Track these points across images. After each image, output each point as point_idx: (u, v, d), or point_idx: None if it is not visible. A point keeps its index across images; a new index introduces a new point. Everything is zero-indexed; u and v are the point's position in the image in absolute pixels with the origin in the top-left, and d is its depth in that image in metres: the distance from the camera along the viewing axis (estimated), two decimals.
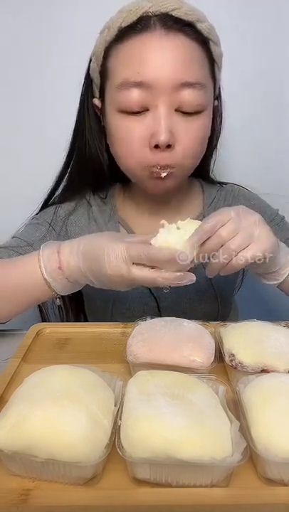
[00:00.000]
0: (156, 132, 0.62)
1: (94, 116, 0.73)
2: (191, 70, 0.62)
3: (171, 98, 0.62)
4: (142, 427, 0.38)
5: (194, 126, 0.66)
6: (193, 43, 0.63)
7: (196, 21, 0.63)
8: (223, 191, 0.86)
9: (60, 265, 0.58)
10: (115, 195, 0.84)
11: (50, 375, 0.45)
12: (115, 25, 0.64)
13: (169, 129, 0.63)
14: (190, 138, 0.65)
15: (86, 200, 0.82)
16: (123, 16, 0.63)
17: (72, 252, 0.58)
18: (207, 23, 0.65)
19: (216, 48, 0.67)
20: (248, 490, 0.38)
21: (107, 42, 0.65)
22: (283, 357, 0.51)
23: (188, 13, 0.63)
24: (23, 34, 0.95)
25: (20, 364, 0.57)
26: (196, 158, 0.70)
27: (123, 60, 0.64)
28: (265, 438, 0.39)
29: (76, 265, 0.58)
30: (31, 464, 0.38)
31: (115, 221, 0.81)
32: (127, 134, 0.66)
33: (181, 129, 0.64)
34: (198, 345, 0.54)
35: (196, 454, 0.36)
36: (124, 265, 0.53)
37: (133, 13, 0.62)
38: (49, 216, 0.81)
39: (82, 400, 0.41)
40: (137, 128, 0.64)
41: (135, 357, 0.53)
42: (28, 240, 0.76)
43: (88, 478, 0.39)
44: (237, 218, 0.54)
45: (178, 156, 0.65)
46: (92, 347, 0.63)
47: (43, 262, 0.59)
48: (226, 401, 0.44)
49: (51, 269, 0.59)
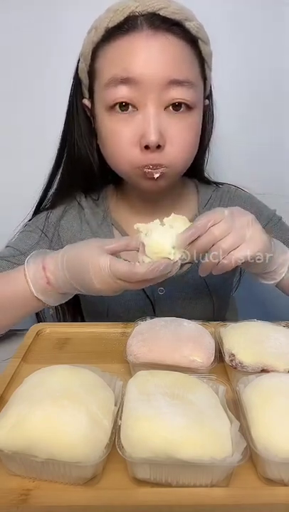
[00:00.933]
0: (146, 133, 0.62)
1: (83, 117, 0.73)
2: (179, 68, 0.62)
3: (159, 96, 0.62)
4: (142, 427, 0.38)
5: (184, 125, 0.65)
6: (181, 42, 0.63)
7: (184, 20, 0.63)
8: (219, 192, 0.85)
9: (48, 281, 0.58)
10: (108, 197, 0.83)
11: (50, 375, 0.45)
12: (102, 25, 0.63)
13: (159, 129, 0.62)
14: (180, 137, 0.65)
15: (77, 202, 0.82)
16: (110, 15, 0.62)
17: (57, 267, 0.57)
18: (195, 21, 0.64)
19: (205, 46, 0.67)
20: (248, 490, 0.38)
21: (94, 42, 0.65)
22: (283, 357, 0.51)
23: (176, 12, 0.62)
24: (23, 34, 0.95)
25: (20, 364, 0.57)
26: (188, 157, 0.70)
27: (111, 60, 0.63)
28: (265, 438, 0.39)
29: (63, 279, 0.57)
30: (31, 464, 0.38)
31: (108, 223, 0.80)
32: (117, 134, 0.65)
33: (171, 128, 0.64)
34: (198, 345, 0.54)
35: (196, 454, 0.36)
36: (111, 280, 0.53)
37: (120, 13, 0.62)
38: (41, 223, 0.80)
39: (82, 400, 0.41)
40: (127, 128, 0.64)
41: (135, 357, 0.53)
42: (20, 249, 0.76)
43: (88, 478, 0.39)
44: (230, 218, 0.54)
45: (169, 156, 0.65)
46: (92, 347, 0.63)
47: (30, 280, 0.59)
48: (226, 401, 0.44)
49: (40, 286, 0.58)
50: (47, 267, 0.58)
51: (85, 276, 0.54)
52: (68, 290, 0.59)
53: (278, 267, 0.62)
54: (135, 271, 0.51)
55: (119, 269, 0.51)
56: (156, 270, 0.51)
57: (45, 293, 0.59)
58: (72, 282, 0.56)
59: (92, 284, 0.54)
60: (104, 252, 0.54)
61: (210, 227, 0.53)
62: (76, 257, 0.56)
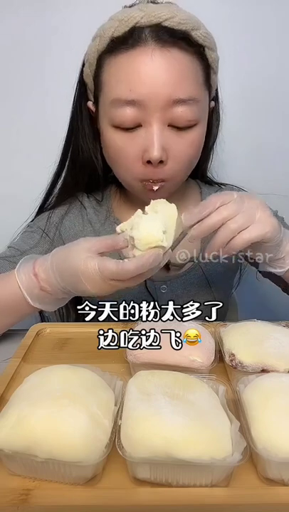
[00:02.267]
0: (149, 149, 0.63)
1: (88, 120, 0.73)
2: (183, 86, 0.62)
3: (163, 114, 0.62)
4: (142, 426, 0.38)
5: (187, 141, 0.66)
6: (187, 56, 0.62)
7: (191, 30, 0.62)
8: None
9: (42, 288, 0.57)
10: (111, 196, 0.84)
11: (50, 375, 0.45)
12: (107, 34, 0.63)
13: (162, 146, 0.63)
14: (182, 153, 0.66)
15: (79, 202, 0.82)
16: (115, 25, 0.62)
17: (48, 274, 0.57)
18: (203, 29, 0.64)
19: (212, 53, 0.66)
20: (248, 490, 0.38)
21: (99, 51, 0.65)
22: (283, 357, 0.51)
23: (182, 22, 0.61)
24: (22, 34, 0.96)
25: (21, 364, 0.57)
26: (188, 169, 0.71)
27: (115, 76, 0.63)
28: (265, 438, 0.39)
29: (56, 284, 0.56)
30: (31, 463, 0.38)
31: (111, 222, 0.81)
32: (121, 149, 0.66)
33: (173, 144, 0.64)
34: (198, 345, 0.54)
35: (196, 454, 0.36)
36: (103, 282, 0.52)
37: (124, 24, 0.61)
38: (43, 223, 0.81)
39: (82, 399, 0.41)
40: (130, 144, 0.65)
41: (135, 357, 0.53)
42: (21, 249, 0.77)
43: (88, 478, 0.39)
44: (240, 199, 0.54)
45: (170, 171, 0.66)
46: (92, 347, 0.62)
47: (25, 290, 0.58)
48: (226, 401, 0.44)
49: (35, 295, 0.58)
50: (38, 274, 0.57)
51: (77, 281, 0.53)
52: (66, 295, 0.59)
53: (287, 255, 0.61)
54: (126, 268, 0.49)
55: (108, 269, 0.50)
56: (147, 263, 0.50)
57: (42, 300, 0.59)
58: (67, 287, 0.56)
59: (85, 287, 0.53)
60: (91, 254, 0.52)
61: (219, 207, 0.53)
62: (65, 263, 0.54)
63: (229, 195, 0.54)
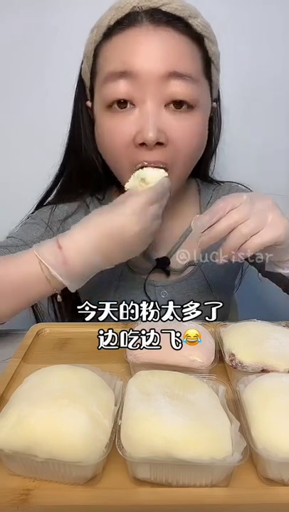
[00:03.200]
0: (143, 129, 0.59)
1: (88, 119, 0.72)
2: (180, 61, 0.60)
3: (159, 91, 0.59)
4: (142, 426, 0.38)
5: (187, 124, 0.62)
6: (183, 37, 0.61)
7: (188, 17, 0.61)
8: (220, 190, 0.85)
9: (65, 261, 0.56)
10: (112, 196, 0.83)
11: (50, 375, 0.45)
12: (104, 23, 0.62)
13: (158, 126, 0.60)
14: (183, 135, 0.62)
15: (85, 204, 0.82)
16: (112, 13, 0.61)
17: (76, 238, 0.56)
18: (201, 19, 0.62)
19: (212, 46, 0.65)
20: (248, 490, 0.38)
21: (96, 42, 0.64)
22: (283, 357, 0.51)
23: (179, 8, 0.60)
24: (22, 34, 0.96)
25: (21, 364, 0.57)
26: (192, 158, 0.67)
27: (110, 55, 0.62)
28: (265, 438, 0.39)
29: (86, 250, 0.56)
30: (31, 463, 0.38)
31: None
32: (113, 131, 0.63)
33: (172, 126, 0.61)
34: (198, 345, 0.54)
35: (196, 454, 0.36)
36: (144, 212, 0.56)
37: (121, 10, 0.61)
38: (46, 216, 0.80)
39: (82, 399, 0.41)
40: (124, 125, 0.62)
41: (135, 357, 0.53)
42: (24, 240, 0.75)
43: (88, 478, 0.39)
44: (250, 201, 0.52)
45: (170, 154, 0.63)
46: (92, 347, 0.62)
47: (45, 260, 0.56)
48: (226, 401, 0.44)
49: (57, 264, 0.56)
50: (63, 245, 0.56)
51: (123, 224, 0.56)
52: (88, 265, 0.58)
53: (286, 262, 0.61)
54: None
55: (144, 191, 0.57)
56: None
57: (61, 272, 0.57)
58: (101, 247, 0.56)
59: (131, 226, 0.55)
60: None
61: (229, 211, 0.52)
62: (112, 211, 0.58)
63: (239, 198, 0.53)
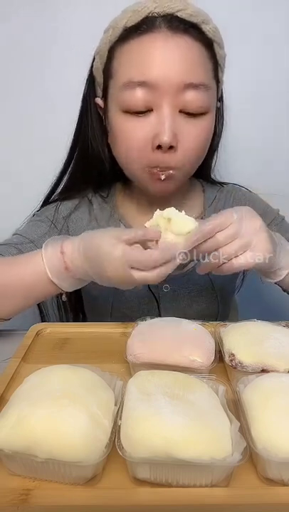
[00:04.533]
0: (160, 133, 0.62)
1: (96, 116, 0.73)
2: (196, 72, 0.62)
3: (175, 99, 0.62)
4: (142, 426, 0.38)
5: (198, 129, 0.65)
6: (198, 45, 0.63)
7: (202, 23, 0.63)
8: (224, 191, 0.86)
9: (66, 266, 0.58)
10: (116, 194, 0.84)
11: (50, 375, 0.45)
12: (120, 24, 0.63)
13: (173, 130, 0.62)
14: (193, 140, 0.65)
15: (88, 199, 0.82)
16: (128, 15, 0.63)
17: (74, 252, 0.58)
18: (212, 24, 0.65)
19: (219, 49, 0.67)
20: (248, 490, 0.38)
21: (111, 42, 0.65)
22: (283, 357, 0.51)
23: (194, 14, 0.62)
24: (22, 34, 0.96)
25: (21, 364, 0.57)
26: (198, 160, 0.70)
27: (128, 60, 0.63)
28: (265, 438, 0.39)
29: (80, 265, 0.58)
30: (31, 463, 0.38)
31: (116, 220, 0.81)
32: (130, 133, 0.65)
33: (184, 131, 0.64)
34: (198, 345, 0.54)
35: (196, 454, 0.36)
36: (123, 270, 0.54)
37: (138, 14, 0.62)
38: (50, 213, 0.81)
39: (82, 399, 0.41)
40: (140, 128, 0.64)
41: (135, 357, 0.53)
42: (30, 237, 0.76)
43: (88, 478, 0.39)
44: (238, 223, 0.54)
45: (179, 158, 0.65)
46: (92, 347, 0.63)
47: (46, 264, 0.59)
48: (226, 401, 0.44)
49: (57, 270, 0.59)
50: (65, 251, 0.58)
51: (98, 264, 0.55)
52: (83, 276, 0.59)
53: (280, 268, 0.62)
54: (149, 253, 0.52)
55: (132, 254, 0.53)
56: (170, 254, 0.52)
57: (61, 277, 0.59)
58: (87, 269, 0.57)
59: (105, 272, 0.55)
60: (120, 241, 0.54)
61: (217, 232, 0.54)
62: (93, 244, 0.56)
63: (229, 217, 0.55)
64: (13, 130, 1.03)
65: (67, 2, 0.94)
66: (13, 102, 1.01)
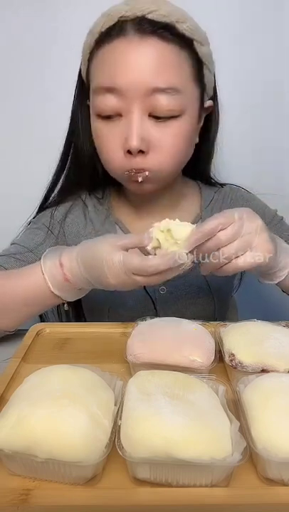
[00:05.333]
0: (128, 138, 0.63)
1: (87, 119, 0.73)
2: (162, 76, 0.61)
3: (143, 103, 0.62)
4: (142, 426, 0.38)
5: (169, 132, 0.65)
6: (169, 46, 0.62)
7: (176, 22, 0.62)
8: (222, 192, 0.86)
9: (66, 277, 0.58)
10: (111, 195, 0.84)
11: (50, 375, 0.45)
12: (96, 29, 0.64)
13: (140, 135, 0.63)
14: (165, 143, 0.65)
15: (81, 201, 0.82)
16: (103, 20, 0.63)
17: (73, 263, 0.58)
18: (189, 22, 0.63)
19: (202, 47, 0.66)
20: (248, 490, 0.38)
21: (90, 47, 0.66)
22: (283, 357, 0.51)
23: (167, 14, 0.61)
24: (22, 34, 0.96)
25: (21, 364, 0.57)
26: (174, 162, 0.69)
27: (100, 65, 0.64)
28: (265, 438, 0.39)
29: (80, 276, 0.58)
30: (31, 463, 0.38)
31: (111, 221, 0.80)
32: (103, 138, 0.67)
33: (155, 135, 0.64)
34: (198, 345, 0.54)
35: (196, 454, 0.36)
36: (125, 276, 0.54)
37: (111, 18, 0.62)
38: (46, 220, 0.81)
39: (82, 399, 0.41)
40: (112, 133, 0.65)
41: (135, 357, 0.53)
42: (27, 246, 0.76)
43: (88, 478, 0.39)
44: (239, 223, 0.54)
45: (153, 162, 0.65)
46: (92, 347, 0.63)
47: (48, 277, 0.59)
48: (226, 401, 0.44)
49: (58, 283, 0.59)
50: (64, 263, 0.59)
51: (100, 273, 0.55)
52: (85, 286, 0.60)
53: (280, 269, 0.61)
54: (149, 264, 0.52)
55: (132, 262, 0.52)
56: (170, 260, 0.51)
57: (63, 289, 0.60)
58: (88, 278, 0.57)
59: (107, 279, 0.55)
60: (118, 248, 0.55)
61: (218, 231, 0.53)
62: (91, 254, 0.57)
63: (230, 217, 0.54)
64: (13, 130, 1.03)
65: (67, 2, 0.94)
66: (13, 102, 1.01)
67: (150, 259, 0.52)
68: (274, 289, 0.70)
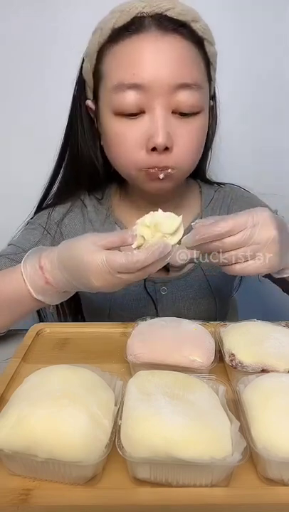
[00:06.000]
0: (154, 135, 0.62)
1: (87, 118, 0.73)
2: (188, 71, 0.62)
3: (167, 100, 0.62)
4: (142, 426, 0.38)
5: (192, 128, 0.65)
6: (188, 44, 0.63)
7: (191, 21, 0.63)
8: (222, 192, 0.86)
9: (47, 281, 0.56)
10: (111, 196, 0.83)
11: (50, 375, 0.45)
12: (108, 26, 0.63)
13: (167, 131, 0.62)
14: (188, 140, 0.65)
15: (81, 201, 0.82)
16: (116, 16, 0.62)
17: (53, 266, 0.56)
18: (202, 22, 0.64)
19: (211, 47, 0.67)
20: (248, 490, 0.38)
21: (100, 43, 0.65)
22: (283, 357, 0.51)
23: (183, 13, 0.62)
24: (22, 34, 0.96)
25: (21, 364, 0.57)
26: (195, 159, 0.70)
27: (118, 62, 0.63)
28: (265, 438, 0.39)
29: (62, 279, 0.56)
30: (31, 463, 0.38)
31: (112, 222, 0.80)
32: (123, 136, 0.65)
33: (178, 131, 0.64)
34: (198, 345, 0.54)
35: (196, 454, 0.36)
36: (110, 275, 0.51)
37: (126, 14, 0.62)
38: (43, 220, 0.80)
39: (82, 399, 0.41)
40: (133, 130, 0.64)
41: (135, 357, 0.53)
42: (23, 247, 0.75)
43: (88, 478, 0.39)
44: (250, 232, 0.51)
45: (177, 158, 0.65)
46: (92, 347, 0.63)
47: (28, 282, 0.58)
48: (226, 401, 0.44)
49: (39, 287, 0.57)
50: (44, 266, 0.57)
51: (82, 275, 0.52)
52: (69, 289, 0.58)
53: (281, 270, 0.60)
54: (135, 259, 0.49)
55: (116, 261, 0.49)
56: (157, 252, 0.49)
57: (45, 293, 0.58)
58: (70, 280, 0.55)
59: (91, 282, 0.52)
60: (98, 247, 0.52)
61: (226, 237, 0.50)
62: (71, 256, 0.54)
63: (243, 222, 0.51)
64: (13, 130, 1.03)
65: (67, 2, 0.94)
66: (13, 102, 1.01)
67: (135, 254, 0.49)
68: (274, 289, 0.70)
